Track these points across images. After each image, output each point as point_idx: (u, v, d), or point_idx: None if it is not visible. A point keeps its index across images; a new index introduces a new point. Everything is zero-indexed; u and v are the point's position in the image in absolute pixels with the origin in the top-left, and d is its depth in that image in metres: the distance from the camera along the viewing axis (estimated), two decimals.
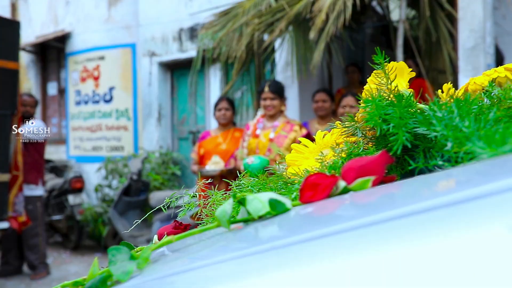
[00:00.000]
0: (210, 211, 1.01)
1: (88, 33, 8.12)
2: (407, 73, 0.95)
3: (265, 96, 4.06)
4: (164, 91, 7.47)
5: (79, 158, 8.27)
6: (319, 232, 0.47)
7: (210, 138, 4.63)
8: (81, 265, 6.01)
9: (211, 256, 0.59)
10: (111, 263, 0.60)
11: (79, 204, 6.58)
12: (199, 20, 6.87)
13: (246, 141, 4.13)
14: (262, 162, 3.76)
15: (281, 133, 4.00)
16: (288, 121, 4.11)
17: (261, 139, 4.03)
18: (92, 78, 8.13)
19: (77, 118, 8.31)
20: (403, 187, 0.63)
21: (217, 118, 4.62)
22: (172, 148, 7.47)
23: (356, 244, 0.44)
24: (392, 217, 0.45)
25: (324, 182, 0.62)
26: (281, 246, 0.47)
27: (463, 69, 3.87)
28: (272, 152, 3.95)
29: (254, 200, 0.62)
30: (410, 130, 0.74)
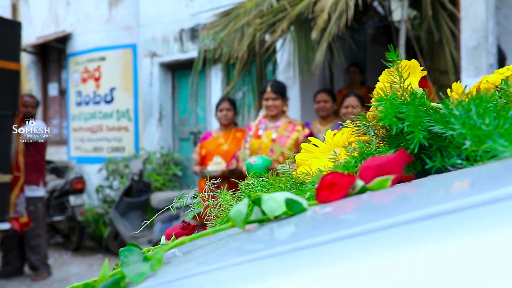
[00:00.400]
0: (219, 212, 0.99)
1: (89, 34, 8.11)
2: (419, 71, 0.94)
3: (267, 97, 4.03)
4: (165, 91, 7.46)
5: (80, 159, 8.26)
6: (339, 234, 0.46)
7: (212, 138, 4.61)
8: (82, 266, 5.99)
9: (226, 258, 0.58)
10: (124, 265, 0.59)
11: (80, 205, 6.56)
12: (200, 21, 6.86)
13: (248, 142, 4.11)
14: (264, 162, 3.74)
15: (283, 133, 3.98)
16: (290, 121, 4.08)
17: (263, 140, 4.01)
18: (93, 79, 8.12)
19: (78, 119, 8.30)
20: (422, 188, 0.61)
21: (219, 118, 4.59)
22: (173, 148, 7.45)
23: (377, 246, 0.43)
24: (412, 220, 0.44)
25: (341, 181, 0.60)
26: (302, 248, 0.45)
27: (466, 69, 3.85)
28: (274, 152, 3.93)
29: (269, 200, 0.60)
30: (425, 129, 0.72)
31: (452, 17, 4.31)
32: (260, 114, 4.23)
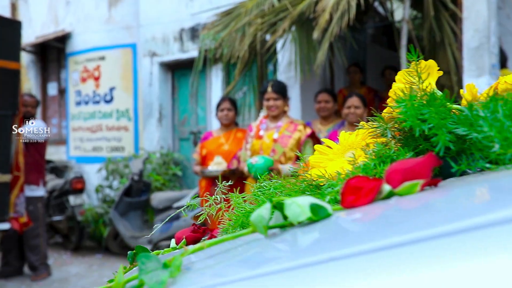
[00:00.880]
0: (232, 215, 0.97)
1: (89, 33, 8.07)
2: (436, 71, 0.92)
3: (268, 97, 3.99)
4: (165, 91, 7.43)
5: (79, 159, 8.22)
6: (372, 246, 0.43)
7: (213, 138, 4.58)
8: (81, 266, 5.96)
9: (248, 267, 0.55)
10: (142, 271, 0.56)
11: (80, 204, 6.53)
12: (200, 20, 6.83)
13: (249, 143, 4.06)
14: (266, 162, 3.71)
15: (285, 133, 3.92)
16: (291, 121, 4.04)
17: (265, 140, 3.96)
18: (92, 79, 8.09)
19: (78, 118, 8.27)
20: (451, 194, 0.59)
21: (220, 118, 4.57)
22: (172, 148, 7.43)
23: (414, 261, 0.40)
24: (445, 233, 0.41)
25: (367, 185, 0.58)
26: (339, 258, 0.43)
27: (467, 69, 3.84)
28: (276, 152, 3.89)
29: (292, 205, 0.58)
30: (448, 131, 0.70)
31: (453, 17, 4.29)
32: (261, 115, 4.20)
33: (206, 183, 4.48)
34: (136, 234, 6.08)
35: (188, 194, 5.50)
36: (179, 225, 5.42)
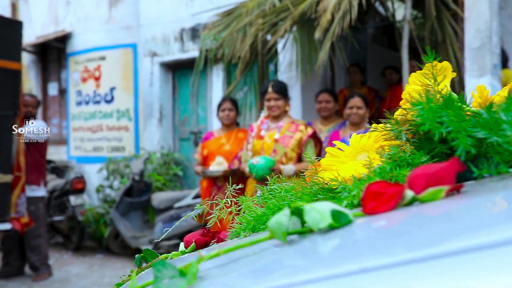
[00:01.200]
0: (242, 219, 0.95)
1: (89, 34, 8.05)
2: (450, 73, 0.90)
3: (269, 97, 3.96)
4: (165, 91, 7.41)
5: (80, 159, 8.20)
6: (405, 257, 0.41)
7: (214, 139, 4.56)
8: (82, 266, 5.94)
9: (268, 275, 0.53)
10: (158, 279, 0.55)
11: (80, 204, 6.51)
12: (200, 20, 6.81)
13: (251, 143, 4.03)
14: (267, 162, 3.69)
15: (286, 134, 3.90)
16: (293, 121, 4.01)
17: (266, 141, 3.93)
18: (93, 79, 8.06)
19: (78, 118, 8.24)
20: (476, 201, 0.57)
21: (221, 118, 4.55)
22: (173, 148, 7.41)
23: (449, 273, 0.38)
24: (474, 248, 0.39)
25: (389, 191, 0.56)
26: (367, 270, 0.41)
27: (469, 69, 3.82)
28: (277, 153, 3.87)
29: (312, 211, 0.56)
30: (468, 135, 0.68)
31: (455, 17, 4.27)
32: (262, 115, 4.17)
33: (207, 184, 4.46)
34: (137, 234, 6.06)
35: (189, 194, 5.48)
36: (180, 226, 5.40)
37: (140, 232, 6.12)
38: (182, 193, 5.68)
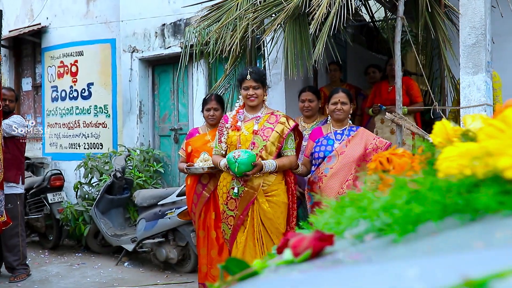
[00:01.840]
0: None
1: (66, 28, 7.70)
2: None
3: (248, 85, 3.53)
4: (145, 87, 7.14)
5: (55, 156, 7.85)
6: None
7: (199, 136, 4.34)
8: (61, 266, 5.63)
9: None
10: None
11: (58, 202, 6.19)
12: (183, 16, 6.58)
13: (225, 135, 3.61)
14: (250, 157, 3.31)
15: (265, 125, 3.52)
16: (272, 112, 3.63)
17: (243, 132, 3.53)
18: (69, 74, 7.73)
19: (54, 114, 7.89)
20: None
21: (206, 118, 4.31)
22: (153, 145, 7.15)
23: None
24: None
25: None
26: None
27: (464, 66, 3.73)
28: (256, 146, 3.45)
29: None
30: None
31: (447, 14, 4.19)
32: (237, 104, 3.75)
33: (192, 181, 4.25)
34: (118, 232, 5.80)
35: (174, 191, 5.25)
36: (164, 223, 5.18)
37: (122, 230, 5.85)
38: (166, 190, 5.44)
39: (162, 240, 5.24)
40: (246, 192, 3.43)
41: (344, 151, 3.58)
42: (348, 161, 3.54)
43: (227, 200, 3.54)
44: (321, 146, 3.67)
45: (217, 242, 4.17)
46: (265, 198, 3.45)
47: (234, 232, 3.53)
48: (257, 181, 3.43)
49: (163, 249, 5.25)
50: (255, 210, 3.45)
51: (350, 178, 3.50)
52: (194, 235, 5.09)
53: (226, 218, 3.58)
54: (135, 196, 5.55)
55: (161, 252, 5.26)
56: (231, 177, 3.48)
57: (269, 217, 3.45)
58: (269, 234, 3.46)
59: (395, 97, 5.69)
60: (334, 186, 3.49)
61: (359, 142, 3.61)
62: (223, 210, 3.60)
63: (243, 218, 3.48)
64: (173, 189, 5.35)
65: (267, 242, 3.44)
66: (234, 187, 3.47)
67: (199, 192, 4.16)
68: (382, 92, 5.65)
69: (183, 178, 6.85)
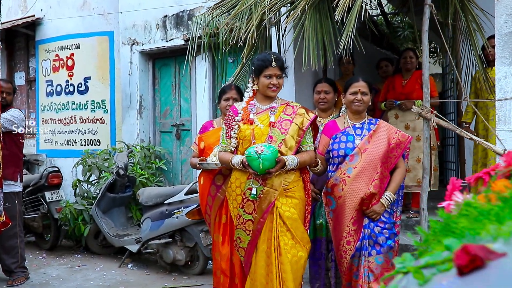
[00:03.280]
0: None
1: (61, 20, 7.30)
2: None
3: (272, 73, 3.05)
4: (145, 81, 6.77)
5: (50, 152, 7.45)
6: None
7: (213, 130, 3.84)
8: (61, 268, 5.25)
9: None
10: None
11: (57, 201, 5.80)
12: (186, 7, 6.24)
13: (235, 129, 3.11)
14: (274, 152, 2.86)
15: (282, 117, 3.07)
16: (287, 102, 3.19)
17: (258, 125, 3.06)
18: (65, 68, 7.32)
19: (49, 110, 7.48)
20: None
21: (223, 108, 3.81)
22: (153, 142, 6.78)
23: None
24: None
25: None
26: None
27: (500, 56, 3.45)
28: (274, 140, 2.99)
29: None
30: None
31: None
32: (246, 94, 3.23)
33: (205, 181, 3.72)
34: (120, 232, 5.44)
35: (182, 189, 4.90)
36: (171, 223, 4.84)
37: (124, 230, 5.49)
38: (174, 188, 5.08)
39: (169, 241, 4.90)
40: (266, 193, 2.96)
41: (367, 148, 3.13)
42: (373, 158, 3.09)
43: (243, 203, 3.02)
44: (340, 143, 3.20)
45: (222, 247, 3.55)
46: (285, 197, 2.99)
47: (255, 238, 3.01)
48: (278, 179, 2.96)
49: (170, 250, 4.91)
50: (274, 213, 2.97)
51: (376, 178, 3.06)
52: (203, 236, 4.76)
53: (243, 224, 3.04)
54: (139, 194, 5.19)
55: (168, 253, 4.91)
56: (246, 176, 3.00)
57: (294, 218, 2.98)
58: (295, 242, 2.94)
59: (409, 91, 5.49)
60: (359, 188, 3.04)
61: (382, 137, 3.17)
62: (239, 214, 3.07)
63: (264, 222, 2.98)
64: (181, 187, 5.00)
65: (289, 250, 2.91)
66: (251, 187, 2.97)
67: (214, 194, 3.66)
68: (396, 86, 5.36)
69: (186, 176, 6.52)
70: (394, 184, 3.10)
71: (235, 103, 3.49)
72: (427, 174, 3.71)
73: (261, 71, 3.05)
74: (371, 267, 2.97)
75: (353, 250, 2.99)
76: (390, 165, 3.09)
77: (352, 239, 2.99)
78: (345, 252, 3.03)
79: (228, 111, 3.25)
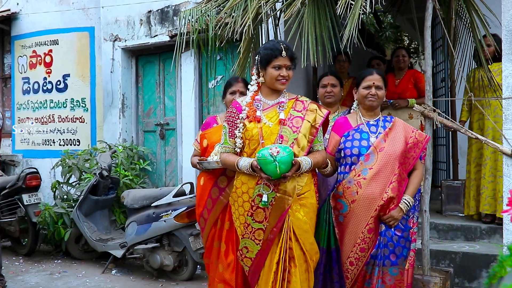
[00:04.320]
0: None
1: (39, 15, 6.95)
2: None
3: (281, 63, 2.72)
4: (128, 79, 6.48)
5: (27, 153, 7.09)
6: None
7: (217, 127, 3.49)
8: (40, 274, 4.92)
9: None
10: None
11: (35, 204, 5.48)
12: (171, 2, 5.98)
13: (240, 128, 2.78)
14: (291, 154, 2.53)
15: (292, 114, 2.76)
16: (296, 97, 2.86)
17: (266, 123, 2.74)
18: (43, 65, 6.98)
19: (25, 108, 7.12)
20: None
21: (228, 103, 3.44)
22: (136, 141, 6.50)
23: None
24: None
25: None
26: None
27: (507, 53, 3.32)
28: (285, 140, 2.69)
29: None
30: None
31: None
32: (251, 88, 2.87)
33: (206, 181, 3.40)
34: (103, 236, 5.15)
35: (169, 192, 4.65)
36: (159, 227, 4.59)
37: (107, 234, 5.21)
38: (161, 190, 4.81)
39: (156, 245, 4.64)
40: (279, 200, 2.64)
41: (383, 147, 2.85)
42: (390, 159, 2.81)
43: (252, 211, 2.70)
44: (354, 141, 2.92)
45: (225, 257, 3.29)
46: (299, 204, 2.70)
47: (266, 249, 2.72)
48: (291, 184, 2.65)
49: (157, 255, 4.65)
50: (286, 222, 2.68)
51: (394, 180, 2.79)
52: (192, 239, 4.52)
53: (252, 233, 2.73)
54: (124, 196, 4.92)
55: (155, 258, 4.65)
56: (255, 181, 2.67)
57: (305, 229, 2.71)
58: (303, 253, 2.68)
59: (402, 90, 5.35)
60: (376, 191, 2.77)
61: (399, 135, 2.91)
62: (246, 223, 2.74)
63: (277, 231, 2.68)
64: (169, 189, 4.74)
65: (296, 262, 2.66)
66: (261, 194, 2.64)
67: (215, 196, 3.33)
68: (389, 85, 5.21)
69: (170, 177, 6.26)
70: (413, 187, 2.87)
71: (237, 98, 3.16)
72: (429, 175, 3.55)
73: (269, 62, 2.72)
74: (384, 278, 2.77)
75: (367, 257, 2.78)
76: (408, 167, 2.88)
77: (366, 246, 2.77)
78: (358, 260, 2.79)
79: (230, 107, 2.90)
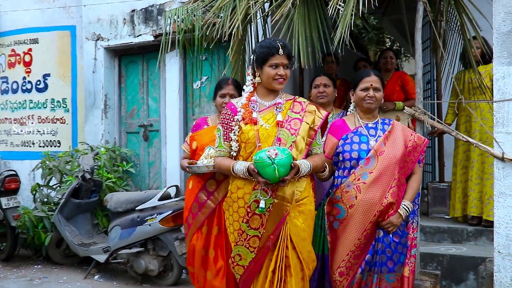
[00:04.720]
0: None
1: (19, 12, 6.76)
2: None
3: (279, 62, 2.62)
4: (111, 79, 6.34)
5: (5, 154, 6.88)
6: None
7: (207, 129, 3.43)
8: (20, 281, 4.76)
9: None
10: None
11: (14, 207, 5.31)
12: (155, 1, 5.87)
13: (235, 130, 2.66)
14: (290, 157, 2.42)
15: (290, 115, 2.66)
16: (293, 98, 2.77)
17: (263, 125, 2.62)
18: (22, 64, 6.79)
19: (3, 108, 6.92)
20: None
21: (219, 106, 3.43)
22: (119, 143, 6.36)
23: None
24: None
25: None
26: None
27: (498, 56, 3.28)
28: (283, 142, 2.57)
29: None
30: None
31: None
32: (247, 89, 2.76)
33: (194, 185, 3.32)
34: (85, 240, 5.01)
35: (154, 195, 4.54)
36: (143, 231, 4.47)
37: (90, 239, 5.06)
38: (146, 193, 4.69)
39: (140, 250, 4.52)
40: (277, 206, 2.53)
41: (383, 151, 2.77)
42: (390, 163, 2.74)
43: (248, 217, 2.58)
44: (353, 144, 2.83)
45: (215, 263, 3.21)
46: (297, 211, 2.61)
47: (262, 257, 2.60)
48: (289, 189, 2.53)
49: (142, 260, 4.54)
50: (283, 229, 2.57)
51: (393, 185, 2.72)
52: (178, 244, 4.42)
53: (247, 240, 2.61)
54: (107, 200, 4.79)
55: (139, 263, 4.54)
56: (251, 186, 2.56)
57: (303, 237, 2.62)
58: (300, 261, 2.59)
59: (389, 92, 5.32)
60: (376, 196, 2.70)
61: (399, 138, 2.84)
62: (241, 229, 2.62)
63: (275, 239, 2.57)
64: (154, 192, 4.63)
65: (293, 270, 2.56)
66: (258, 199, 2.50)
67: (203, 201, 3.24)
68: None
69: (154, 179, 6.14)
70: (411, 192, 2.81)
71: (231, 99, 3.04)
72: None
73: (265, 60, 2.62)
74: (381, 286, 2.71)
75: (359, 264, 2.71)
76: (407, 171, 2.82)
77: (360, 253, 2.71)
78: (349, 269, 2.71)
79: (224, 109, 2.79)
